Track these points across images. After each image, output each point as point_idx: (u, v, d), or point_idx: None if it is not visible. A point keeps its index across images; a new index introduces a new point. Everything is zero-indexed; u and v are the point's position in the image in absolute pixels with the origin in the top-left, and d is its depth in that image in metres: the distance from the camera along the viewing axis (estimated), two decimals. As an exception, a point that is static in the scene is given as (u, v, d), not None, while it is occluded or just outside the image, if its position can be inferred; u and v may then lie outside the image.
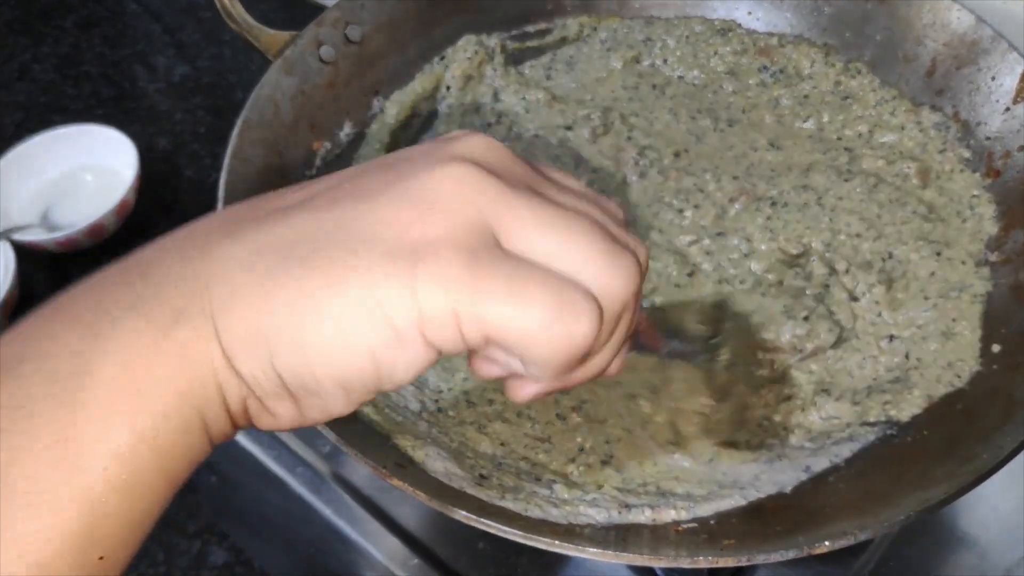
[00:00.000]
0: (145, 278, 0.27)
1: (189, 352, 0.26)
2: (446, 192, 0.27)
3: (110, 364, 0.25)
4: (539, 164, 0.32)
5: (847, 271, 0.64)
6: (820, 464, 0.57)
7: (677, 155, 0.72)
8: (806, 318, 0.61)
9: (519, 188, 0.28)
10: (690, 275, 0.66)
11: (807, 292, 0.64)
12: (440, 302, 0.26)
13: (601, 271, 0.28)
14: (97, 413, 0.24)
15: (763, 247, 0.67)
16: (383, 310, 0.26)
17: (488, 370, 0.32)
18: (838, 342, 0.62)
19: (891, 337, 0.62)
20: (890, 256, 0.65)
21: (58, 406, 0.24)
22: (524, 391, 0.32)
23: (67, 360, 0.25)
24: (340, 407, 0.28)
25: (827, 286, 0.64)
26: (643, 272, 0.31)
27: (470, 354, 0.32)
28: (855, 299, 0.63)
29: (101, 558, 0.25)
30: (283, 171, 0.67)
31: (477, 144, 0.30)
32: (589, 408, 0.60)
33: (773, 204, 0.68)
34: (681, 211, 0.69)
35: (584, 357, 0.29)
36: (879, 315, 0.63)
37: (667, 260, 0.66)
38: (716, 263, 0.66)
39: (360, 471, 0.49)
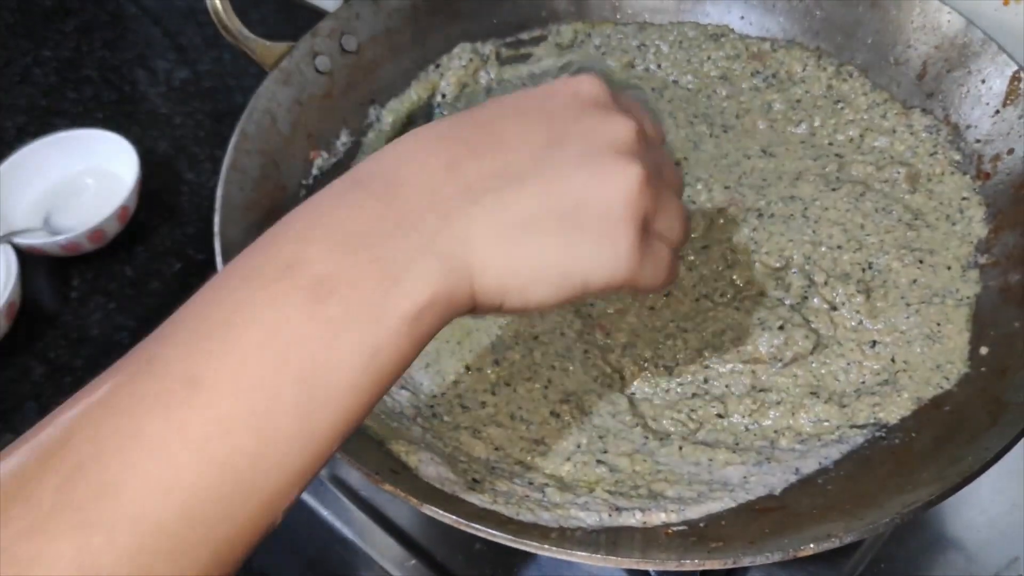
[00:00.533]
0: (417, 231, 0.35)
1: (455, 292, 0.35)
2: (631, 197, 0.37)
3: (409, 297, 0.34)
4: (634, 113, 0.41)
5: (826, 283, 0.65)
6: (809, 466, 0.58)
7: (677, 163, 0.73)
8: (781, 327, 0.62)
9: (658, 179, 0.39)
10: (667, 295, 0.66)
11: (785, 303, 0.65)
12: (619, 275, 0.37)
13: (681, 237, 0.42)
14: (398, 328, 0.33)
15: (744, 259, 0.67)
16: (586, 272, 0.37)
17: None
18: (818, 348, 0.63)
19: (874, 343, 0.63)
20: (870, 266, 0.66)
21: (371, 321, 0.33)
22: None
23: (374, 291, 0.33)
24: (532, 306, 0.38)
25: (805, 297, 0.65)
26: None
27: None
28: (834, 308, 0.64)
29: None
30: (280, 181, 0.68)
31: (632, 134, 0.39)
32: (576, 400, 0.61)
33: (760, 215, 0.69)
34: None
35: None
36: (860, 323, 0.64)
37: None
38: (699, 276, 0.67)
39: (358, 473, 0.50)
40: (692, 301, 0.66)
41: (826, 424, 0.60)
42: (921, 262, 0.66)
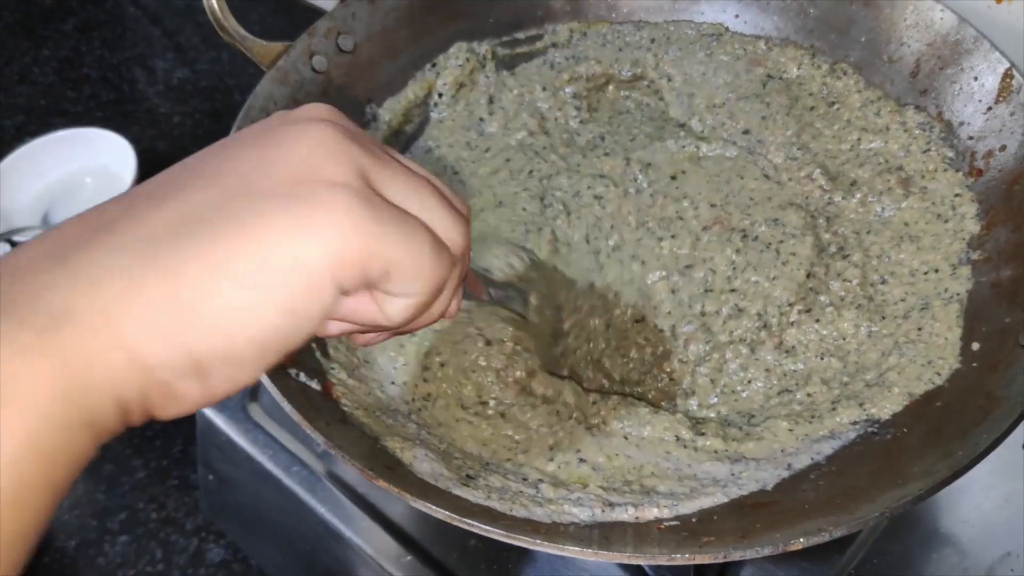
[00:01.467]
0: (14, 283, 0.26)
1: (73, 351, 0.25)
2: (323, 145, 0.30)
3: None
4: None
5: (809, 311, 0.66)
6: (801, 461, 0.58)
7: (674, 177, 0.73)
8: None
9: (374, 149, 0.32)
10: (638, 321, 0.66)
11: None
12: (353, 243, 0.28)
13: (449, 226, 0.33)
14: None
15: (720, 284, 0.67)
16: (300, 265, 0.28)
17: (338, 328, 0.35)
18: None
19: (870, 333, 0.64)
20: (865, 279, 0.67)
21: None
22: (372, 338, 0.36)
23: None
24: (249, 374, 0.29)
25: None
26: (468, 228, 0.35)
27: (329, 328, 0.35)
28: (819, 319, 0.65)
29: None
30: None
31: (322, 109, 0.33)
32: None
33: (744, 236, 0.69)
34: (660, 239, 0.69)
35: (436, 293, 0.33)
36: (854, 319, 0.64)
37: (628, 299, 0.67)
38: (677, 300, 0.67)
39: (353, 470, 0.50)
40: (664, 315, 0.66)
41: (819, 419, 0.61)
42: (912, 275, 0.67)
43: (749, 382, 0.63)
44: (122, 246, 0.27)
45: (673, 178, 0.72)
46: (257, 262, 0.27)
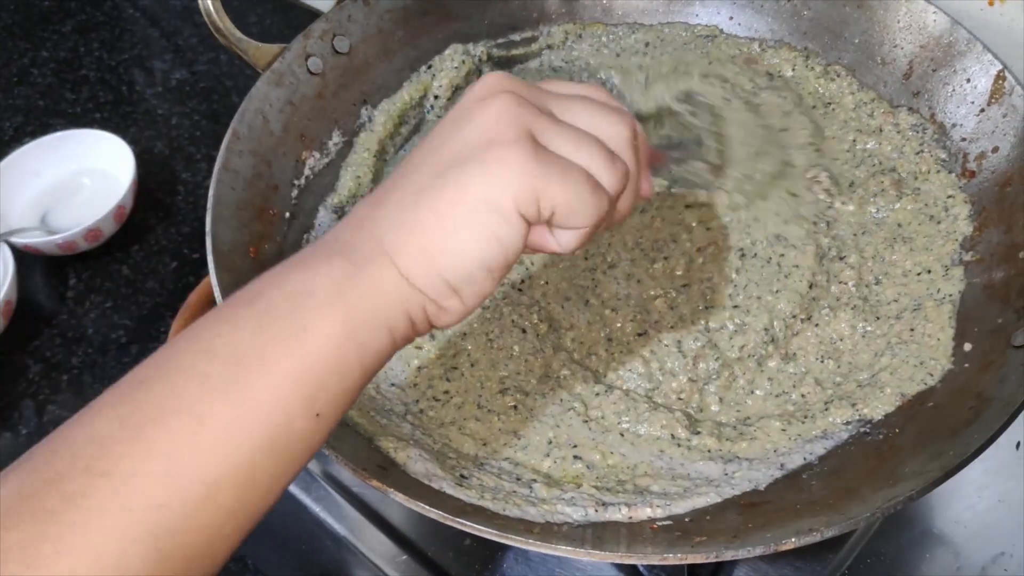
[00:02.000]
0: (338, 241, 0.40)
1: (378, 281, 0.38)
2: (501, 115, 0.39)
3: (325, 286, 0.38)
4: (547, 83, 0.44)
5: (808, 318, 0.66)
6: (794, 461, 0.59)
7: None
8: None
9: (541, 109, 0.41)
10: (640, 335, 0.66)
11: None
12: (525, 185, 0.38)
13: (605, 171, 0.41)
14: (319, 318, 0.37)
15: (720, 299, 0.67)
16: (492, 204, 0.38)
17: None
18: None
19: (864, 334, 0.64)
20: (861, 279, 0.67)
21: (291, 313, 0.37)
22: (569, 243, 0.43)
23: (296, 285, 0.38)
24: (488, 287, 0.41)
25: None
26: (634, 166, 0.44)
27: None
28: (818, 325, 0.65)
29: (318, 415, 0.37)
30: (272, 181, 0.68)
31: (499, 78, 0.42)
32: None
33: (743, 255, 0.68)
34: (654, 261, 0.69)
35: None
36: (849, 320, 0.65)
37: (625, 314, 0.66)
38: (678, 316, 0.66)
39: (348, 470, 0.51)
40: (674, 341, 0.66)
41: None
42: (905, 275, 0.67)
43: (753, 392, 0.63)
44: (388, 214, 0.40)
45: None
46: (465, 206, 0.38)
